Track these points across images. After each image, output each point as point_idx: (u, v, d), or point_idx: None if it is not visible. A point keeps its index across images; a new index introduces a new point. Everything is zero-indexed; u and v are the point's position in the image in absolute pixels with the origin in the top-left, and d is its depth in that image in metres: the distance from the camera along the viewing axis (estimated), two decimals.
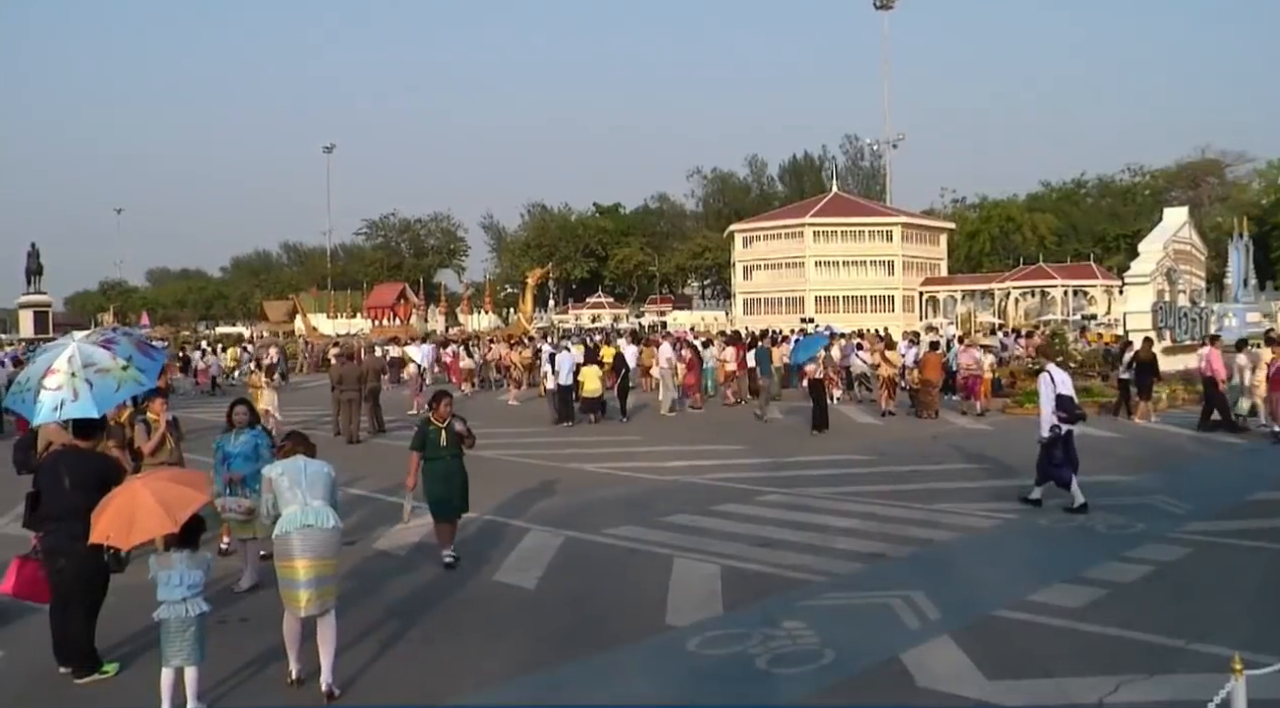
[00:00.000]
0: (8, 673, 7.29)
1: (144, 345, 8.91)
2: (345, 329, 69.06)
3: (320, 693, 6.48)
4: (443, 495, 9.85)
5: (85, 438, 7.40)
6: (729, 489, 13.65)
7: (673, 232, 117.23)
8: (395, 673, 7.01)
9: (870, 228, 71.30)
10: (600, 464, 16.02)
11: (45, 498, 7.09)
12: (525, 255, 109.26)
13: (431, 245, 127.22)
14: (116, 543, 6.53)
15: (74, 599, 6.99)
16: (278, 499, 6.66)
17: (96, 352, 7.98)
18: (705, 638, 7.52)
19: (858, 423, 21.45)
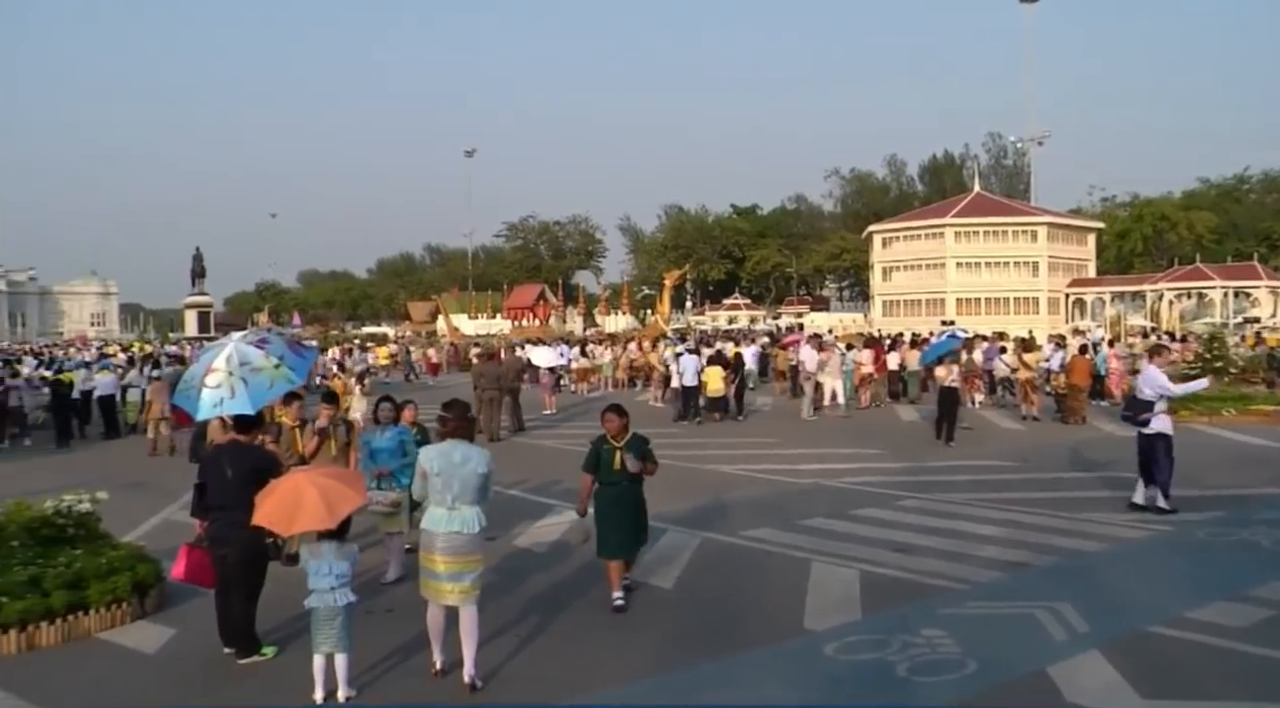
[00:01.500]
0: (179, 651, 7.75)
1: (295, 345, 9.39)
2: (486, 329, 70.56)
3: (463, 685, 6.65)
4: (612, 528, 8.40)
5: (245, 433, 7.77)
6: (867, 493, 13.48)
7: (810, 233, 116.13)
8: (534, 668, 7.15)
9: (1014, 228, 69.19)
10: (737, 466, 16.00)
11: (210, 489, 7.49)
12: (662, 257, 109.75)
13: (569, 247, 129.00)
14: (277, 529, 6.85)
15: (236, 585, 7.36)
16: (428, 491, 6.84)
17: (251, 351, 8.44)
18: (843, 643, 7.45)
19: (1000, 428, 20.90)
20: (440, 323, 71.48)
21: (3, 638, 7.71)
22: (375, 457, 9.58)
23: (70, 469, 16.65)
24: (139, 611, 8.48)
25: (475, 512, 6.80)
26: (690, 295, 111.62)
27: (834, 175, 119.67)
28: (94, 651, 7.79)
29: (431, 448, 7.01)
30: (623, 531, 8.42)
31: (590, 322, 73.76)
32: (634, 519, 8.53)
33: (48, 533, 9.33)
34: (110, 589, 8.28)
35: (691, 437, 19.93)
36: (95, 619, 8.14)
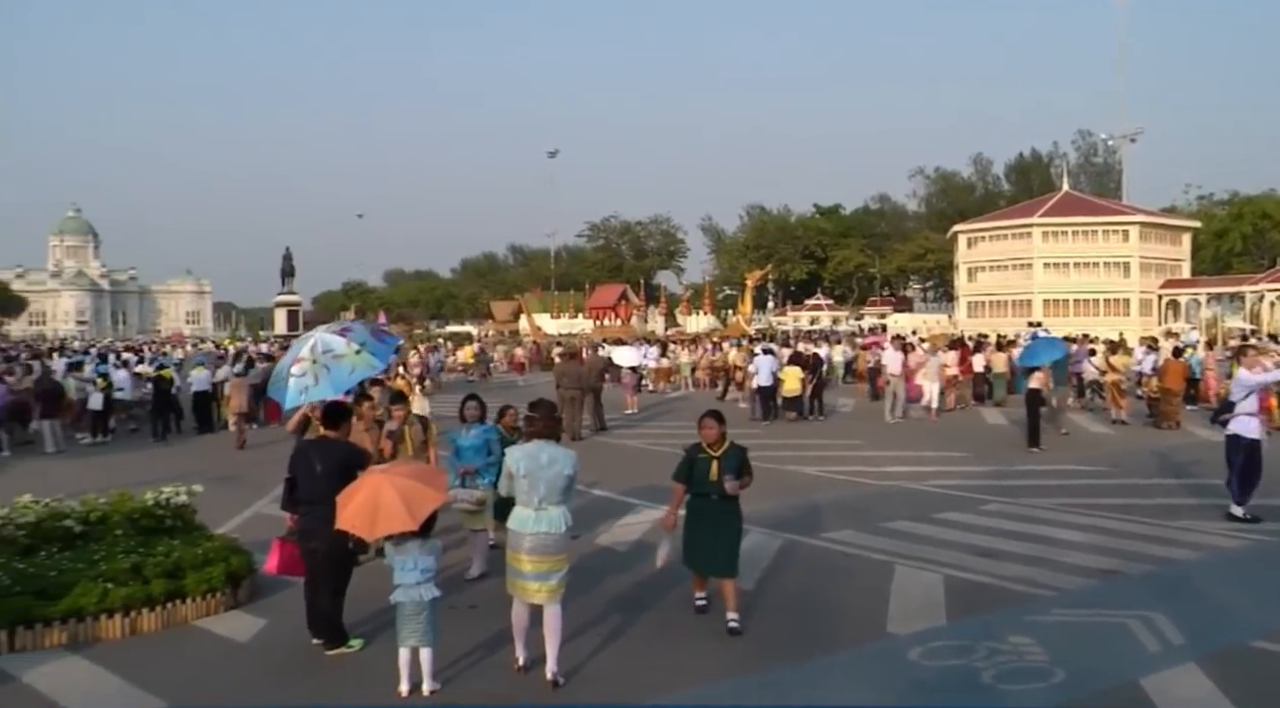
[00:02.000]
0: (270, 640, 7.94)
1: (378, 332, 9.60)
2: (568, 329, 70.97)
3: (545, 681, 6.70)
4: (702, 545, 7.86)
5: (332, 427, 7.92)
6: (951, 497, 13.29)
7: (893, 233, 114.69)
8: (616, 666, 7.19)
9: (1104, 227, 67.58)
10: (819, 467, 15.90)
11: (300, 484, 7.67)
12: (744, 257, 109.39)
13: (651, 247, 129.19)
14: (360, 534, 6.97)
15: (324, 578, 7.52)
16: (515, 490, 6.91)
17: (334, 339, 8.67)
18: (927, 648, 7.36)
19: (1089, 432, 20.45)
20: (523, 322, 72.12)
21: (108, 623, 8.01)
22: (460, 455, 9.70)
23: (167, 463, 17.19)
24: (232, 600, 8.72)
25: (561, 512, 6.85)
26: (772, 296, 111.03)
27: (918, 174, 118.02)
28: (191, 637, 8.03)
29: (518, 449, 7.05)
30: (709, 548, 7.83)
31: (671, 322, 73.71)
32: (725, 537, 7.85)
33: (148, 523, 9.68)
34: (206, 579, 8.54)
35: (773, 437, 19.84)
36: (192, 607, 8.40)
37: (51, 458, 19.12)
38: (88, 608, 7.95)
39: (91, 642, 7.88)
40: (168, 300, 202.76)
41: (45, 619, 7.84)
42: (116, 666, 7.36)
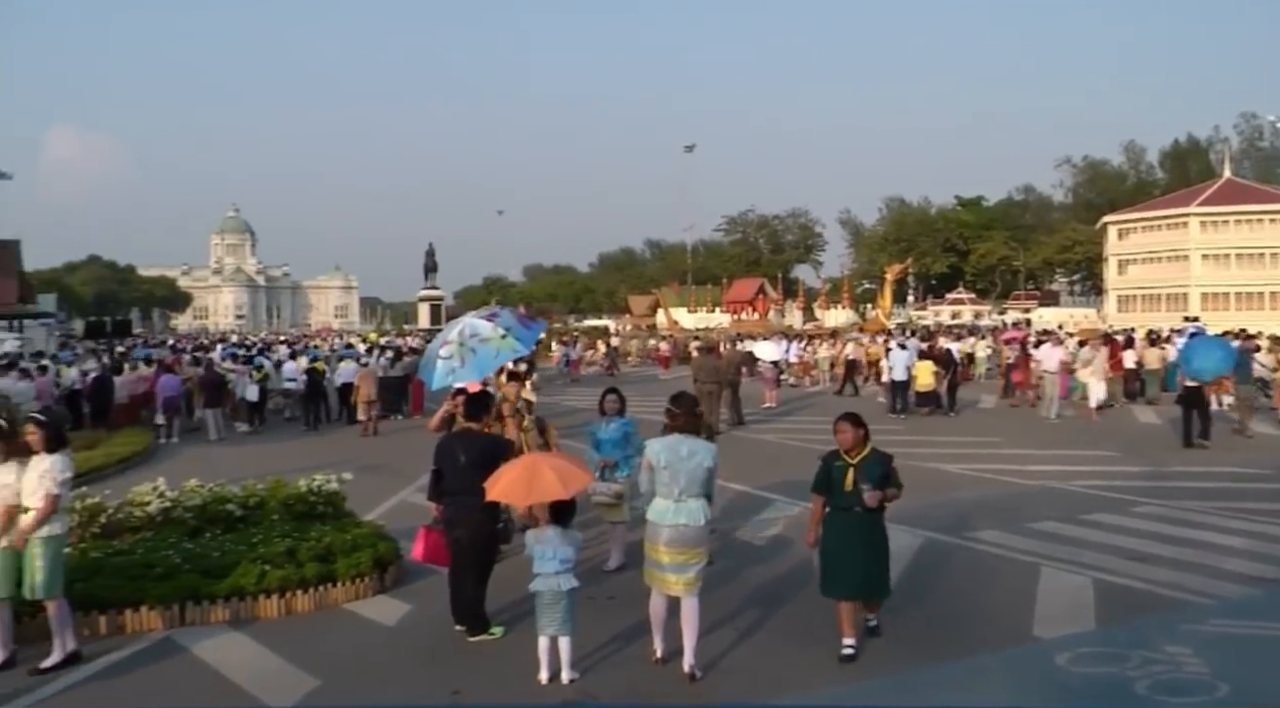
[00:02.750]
0: (415, 625, 8.20)
1: (524, 318, 9.84)
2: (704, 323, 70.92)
3: (682, 674, 6.72)
4: (839, 562, 7.09)
5: (474, 419, 8.12)
6: (1100, 498, 12.83)
7: (1039, 224, 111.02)
8: (753, 662, 7.17)
9: (1271, 216, 64.09)
10: (960, 465, 15.55)
11: (445, 474, 7.87)
12: (883, 250, 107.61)
13: (788, 241, 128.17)
14: (514, 501, 7.18)
15: (468, 566, 7.71)
16: (654, 483, 6.96)
17: (481, 324, 8.92)
18: (1076, 654, 7.11)
19: (1255, 432, 19.45)
20: (660, 316, 72.38)
21: (266, 602, 8.41)
22: (600, 448, 9.80)
23: (317, 451, 17.87)
24: (379, 585, 9.02)
25: (701, 505, 6.86)
26: (912, 290, 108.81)
27: (1065, 164, 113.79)
28: (340, 619, 8.35)
29: (658, 441, 7.07)
30: (852, 567, 7.05)
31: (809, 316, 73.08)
32: (868, 554, 7.09)
33: (301, 509, 10.13)
34: (355, 564, 8.87)
35: (912, 433, 19.49)
36: (342, 591, 8.73)
37: (213, 445, 20.12)
38: (248, 588, 8.37)
39: (250, 620, 8.28)
40: (318, 295, 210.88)
41: (210, 597, 8.29)
42: (273, 643, 7.72)
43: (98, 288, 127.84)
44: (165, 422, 21.20)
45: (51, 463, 7.26)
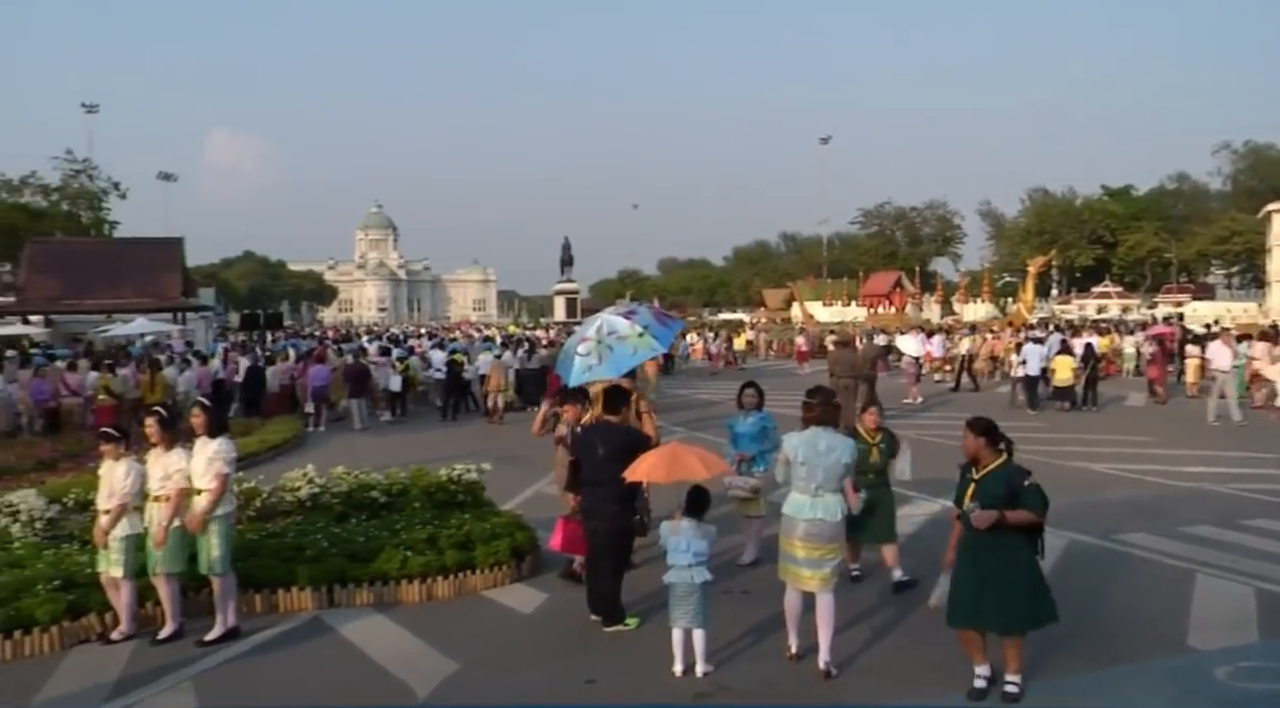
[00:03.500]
0: (551, 614, 8.33)
1: (661, 316, 9.83)
2: (840, 317, 70.02)
3: (817, 670, 6.66)
4: (962, 584, 6.29)
5: (613, 413, 8.18)
6: (1261, 502, 12.16)
7: (1193, 214, 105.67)
8: (888, 661, 7.05)
9: None
10: (1106, 464, 14.98)
11: (583, 466, 7.97)
12: (1025, 243, 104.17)
13: (926, 234, 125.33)
14: (656, 479, 7.25)
15: (604, 556, 7.79)
16: (791, 477, 6.91)
17: (619, 321, 8.96)
18: (1238, 668, 6.76)
19: None
20: (795, 310, 71.75)
21: (408, 588, 8.66)
22: (737, 442, 9.75)
23: (455, 441, 18.29)
24: (516, 574, 9.18)
25: (838, 500, 6.78)
26: (1056, 283, 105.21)
27: (1224, 150, 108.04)
28: (479, 606, 8.53)
29: (796, 435, 7.01)
30: (975, 596, 6.18)
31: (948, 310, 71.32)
32: (988, 579, 6.14)
33: (442, 497, 10.39)
34: (493, 552, 9.05)
35: (1056, 431, 18.87)
36: (480, 578, 8.92)
37: (358, 434, 20.79)
38: (391, 573, 8.63)
39: (393, 603, 8.53)
40: (457, 289, 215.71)
41: (356, 580, 8.58)
42: (415, 627, 7.94)
43: (251, 282, 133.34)
44: (314, 411, 22.02)
45: (218, 445, 7.68)
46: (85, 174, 59.12)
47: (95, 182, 59.69)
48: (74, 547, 8.97)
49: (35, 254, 44.18)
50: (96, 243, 52.11)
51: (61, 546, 9.08)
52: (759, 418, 9.81)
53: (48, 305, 42.74)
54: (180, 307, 44.91)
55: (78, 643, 7.69)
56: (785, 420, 8.97)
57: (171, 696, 6.79)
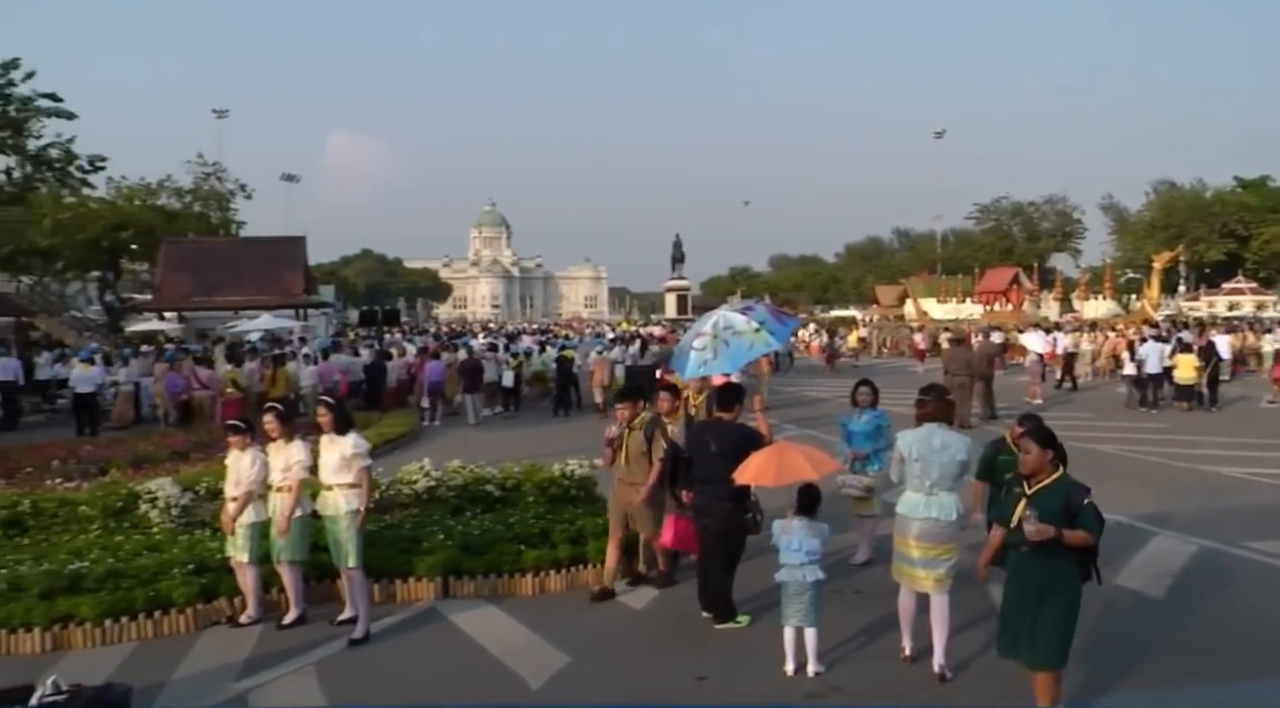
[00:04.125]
0: (662, 610, 8.37)
1: (777, 312, 9.81)
2: (955, 314, 68.70)
3: (932, 673, 6.58)
4: (1009, 605, 5.78)
5: (726, 410, 8.17)
6: None
7: None
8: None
9: None
10: (1237, 468, 14.38)
11: (695, 463, 7.97)
12: (1149, 237, 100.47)
13: (1045, 229, 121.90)
14: (765, 483, 7.22)
15: (715, 554, 7.79)
16: (905, 475, 6.83)
17: (735, 317, 8.96)
18: None
19: None
20: (908, 307, 70.63)
21: (521, 580, 8.81)
22: (851, 440, 9.66)
23: (567, 436, 18.47)
24: (627, 569, 9.24)
25: (953, 499, 6.68)
26: (1183, 279, 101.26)
27: None
28: (590, 601, 8.60)
29: (910, 432, 6.92)
30: (1014, 622, 5.74)
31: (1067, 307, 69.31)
32: (1038, 609, 5.55)
33: (555, 492, 10.54)
34: (605, 547, 9.12)
35: (1180, 432, 18.21)
36: (592, 573, 8.98)
37: (471, 429, 21.16)
38: (504, 566, 8.78)
39: (506, 595, 8.68)
40: (568, 286, 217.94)
41: (470, 572, 8.76)
42: (527, 619, 8.06)
43: (369, 279, 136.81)
44: (429, 405, 22.50)
45: (354, 442, 7.83)
46: (215, 176, 61.35)
47: (224, 183, 61.91)
48: (206, 533, 9.37)
49: (169, 254, 46.07)
50: (225, 242, 54.04)
51: (195, 532, 9.49)
52: (873, 416, 9.69)
53: (181, 303, 44.54)
54: (302, 303, 46.33)
55: (210, 625, 8.04)
56: (900, 419, 8.87)
57: (296, 679, 7.04)
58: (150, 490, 10.12)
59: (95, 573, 8.09)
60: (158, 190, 57.03)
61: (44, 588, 7.88)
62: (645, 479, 8.44)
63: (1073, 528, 5.45)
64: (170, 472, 12.56)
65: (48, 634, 7.67)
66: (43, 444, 17.35)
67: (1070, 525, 5.44)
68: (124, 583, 8.05)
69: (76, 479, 13.34)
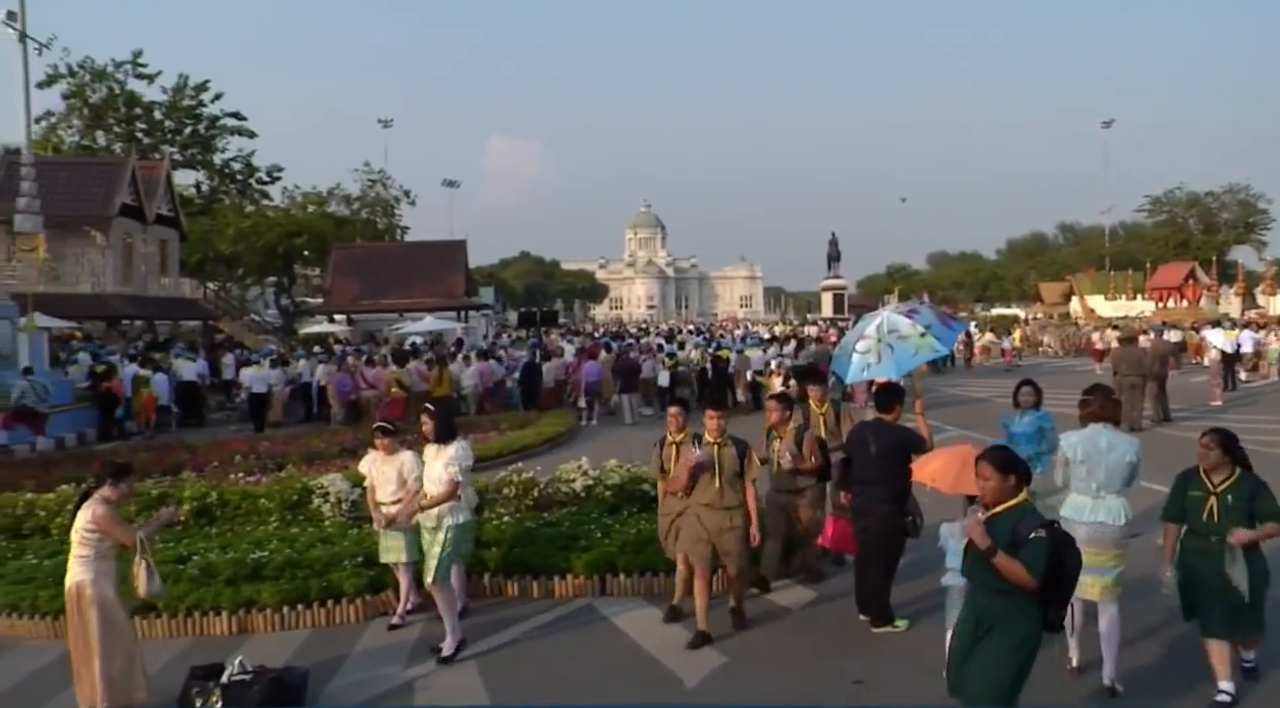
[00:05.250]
0: (819, 612, 8.35)
1: (944, 316, 9.57)
2: (1124, 311, 65.85)
3: (1100, 686, 6.35)
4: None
5: (886, 411, 8.05)
6: None
7: None
8: (1178, 680, 6.58)
9: None
10: None
11: (855, 464, 7.89)
12: None
13: (1225, 220, 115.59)
14: (940, 487, 7.08)
15: (874, 556, 7.69)
16: (1070, 478, 6.60)
17: (900, 320, 8.78)
18: None
19: None
20: (1074, 304, 68.07)
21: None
22: (1012, 442, 9.40)
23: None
24: (784, 570, 9.19)
25: (1121, 503, 6.44)
26: None
27: None
28: (748, 601, 8.49)
29: (1075, 433, 6.71)
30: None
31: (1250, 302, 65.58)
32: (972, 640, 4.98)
33: None
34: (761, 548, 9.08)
35: None
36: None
37: (628, 428, 21.38)
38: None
39: (662, 594, 8.72)
40: (723, 285, 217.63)
41: (627, 570, 8.87)
42: (684, 619, 8.07)
43: (527, 281, 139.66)
44: (586, 405, 22.85)
45: (454, 450, 7.58)
46: (381, 183, 63.91)
47: (389, 190, 64.40)
48: (373, 528, 9.75)
49: (339, 259, 48.15)
50: (391, 247, 56.19)
51: (363, 526, 9.90)
52: (1036, 417, 9.38)
53: (349, 306, 46.50)
54: (464, 305, 47.74)
55: (378, 615, 8.37)
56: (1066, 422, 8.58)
57: (459, 670, 7.28)
58: (323, 486, 10.63)
59: (274, 562, 8.58)
60: (328, 198, 59.70)
61: (230, 575, 8.41)
62: (739, 503, 7.65)
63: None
64: (340, 468, 13.11)
65: (233, 618, 8.19)
66: (226, 440, 18.47)
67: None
68: (300, 573, 8.51)
69: (256, 473, 14.08)
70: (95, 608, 6.27)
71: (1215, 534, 5.94)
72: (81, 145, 51.16)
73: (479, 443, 15.62)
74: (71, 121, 52.09)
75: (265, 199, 57.92)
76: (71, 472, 13.84)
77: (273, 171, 57.92)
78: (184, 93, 53.54)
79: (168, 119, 53.90)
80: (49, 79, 48.71)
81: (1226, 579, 5.86)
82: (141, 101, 52.60)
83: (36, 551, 9.67)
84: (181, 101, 53.61)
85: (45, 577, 8.53)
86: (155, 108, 53.35)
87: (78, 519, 6.41)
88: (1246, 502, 5.92)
